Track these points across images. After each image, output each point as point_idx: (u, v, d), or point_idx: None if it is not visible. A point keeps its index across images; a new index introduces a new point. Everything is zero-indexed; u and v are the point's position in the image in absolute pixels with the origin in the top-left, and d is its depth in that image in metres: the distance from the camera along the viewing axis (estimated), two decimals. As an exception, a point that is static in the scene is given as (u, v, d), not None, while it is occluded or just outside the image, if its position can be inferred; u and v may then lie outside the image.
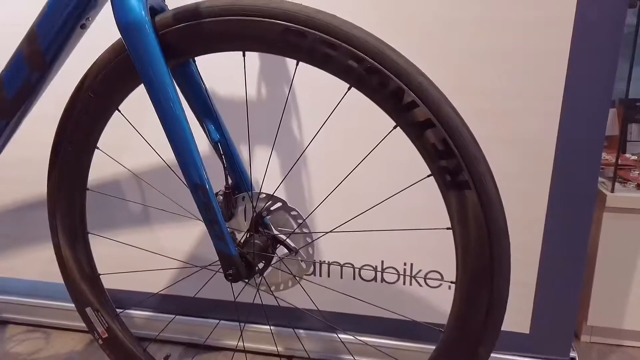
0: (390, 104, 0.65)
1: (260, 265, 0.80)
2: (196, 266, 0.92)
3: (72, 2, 0.72)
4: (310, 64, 0.68)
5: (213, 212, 0.73)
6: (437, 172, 0.65)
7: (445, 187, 0.65)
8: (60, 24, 0.73)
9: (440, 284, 1.06)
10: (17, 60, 0.75)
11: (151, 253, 1.15)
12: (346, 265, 1.10)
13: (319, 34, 0.65)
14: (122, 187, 1.18)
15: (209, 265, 0.84)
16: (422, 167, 0.66)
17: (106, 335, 0.91)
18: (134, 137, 1.10)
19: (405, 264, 1.07)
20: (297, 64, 0.69)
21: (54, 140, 0.83)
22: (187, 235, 1.18)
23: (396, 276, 1.08)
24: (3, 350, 1.26)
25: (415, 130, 0.64)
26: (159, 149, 0.95)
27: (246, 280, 0.78)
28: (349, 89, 0.68)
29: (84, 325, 1.28)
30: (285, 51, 0.68)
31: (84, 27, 0.76)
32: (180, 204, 1.00)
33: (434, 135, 0.63)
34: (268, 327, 1.18)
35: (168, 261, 1.17)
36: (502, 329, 0.67)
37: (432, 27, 0.94)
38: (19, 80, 0.76)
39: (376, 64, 0.63)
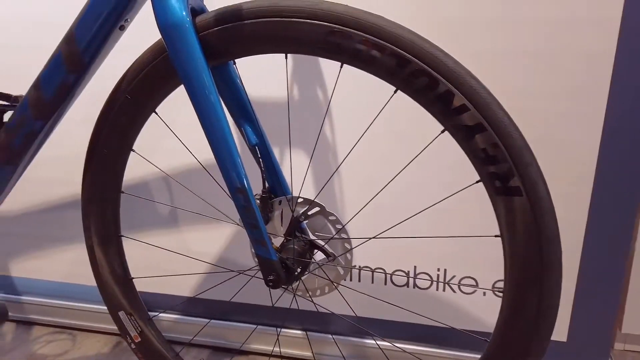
0: (438, 107, 0.63)
1: (297, 270, 0.79)
2: (232, 270, 0.91)
3: (111, 3, 0.71)
4: (354, 66, 0.66)
5: (253, 215, 0.71)
6: (487, 178, 0.63)
7: (495, 193, 0.63)
8: (98, 25, 0.72)
9: (475, 291, 1.04)
10: (55, 61, 0.74)
11: (178, 255, 1.15)
12: (378, 270, 1.09)
13: (365, 35, 0.63)
14: (151, 189, 1.18)
15: (247, 270, 0.83)
16: (468, 172, 0.65)
17: (139, 339, 0.90)
18: (163, 138, 1.10)
19: (438, 270, 1.05)
20: (341, 66, 0.68)
21: (89, 143, 0.83)
22: (215, 238, 1.17)
23: (429, 282, 1.06)
24: (30, 351, 1.26)
25: (465, 135, 0.62)
26: (188, 151, 0.95)
27: (285, 287, 0.76)
28: (395, 91, 0.66)
29: (110, 327, 1.31)
30: (329, 53, 0.66)
31: (122, 28, 0.75)
32: (214, 207, 0.99)
33: (484, 139, 0.61)
34: (296, 331, 1.17)
35: (197, 264, 1.16)
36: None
37: (472, 27, 0.92)
38: (56, 81, 0.75)
39: (424, 66, 0.62)
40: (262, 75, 1.00)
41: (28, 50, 1.13)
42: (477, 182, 0.64)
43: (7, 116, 0.81)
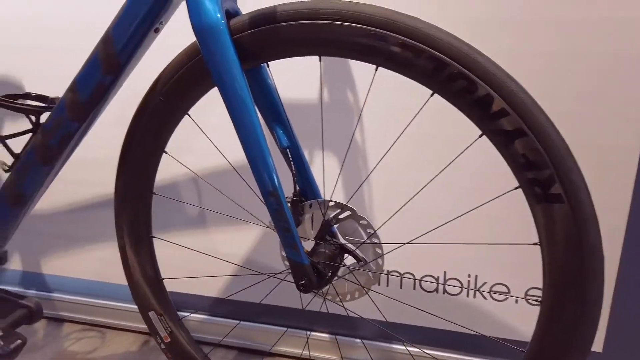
0: (476, 111, 0.61)
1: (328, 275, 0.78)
2: (262, 273, 0.91)
3: (147, 6, 0.72)
4: (389, 69, 0.65)
5: (285, 219, 0.71)
6: (526, 184, 0.61)
7: (535, 200, 0.61)
8: (134, 27, 0.73)
9: (507, 298, 1.02)
10: (92, 63, 0.75)
11: (205, 256, 1.15)
12: (406, 275, 1.07)
13: (401, 37, 0.62)
14: (180, 189, 1.19)
15: (277, 273, 0.82)
16: (504, 178, 0.63)
17: (169, 339, 0.91)
18: (191, 140, 1.11)
19: (469, 276, 1.03)
20: (375, 69, 0.67)
21: (123, 144, 0.84)
22: (243, 239, 1.17)
23: (459, 288, 1.04)
24: (60, 348, 1.29)
25: (504, 140, 0.61)
26: (218, 153, 0.95)
27: (316, 291, 0.76)
28: (431, 95, 0.65)
29: (138, 325, 1.32)
30: (364, 56, 0.65)
31: (157, 30, 0.76)
32: (244, 209, 0.99)
33: (525, 145, 0.59)
34: (323, 334, 1.16)
35: (224, 265, 1.17)
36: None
37: (505, 27, 0.90)
38: (93, 82, 0.76)
39: (463, 69, 0.60)
40: (292, 77, 0.99)
41: (62, 52, 1.15)
42: (516, 188, 0.63)
43: (43, 117, 0.83)
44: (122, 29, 0.73)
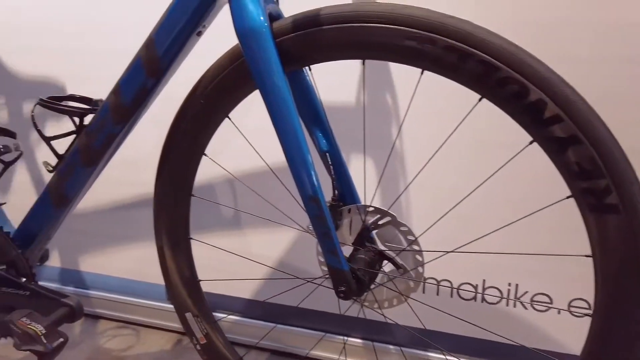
0: (528, 117, 0.59)
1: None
2: (299, 278, 0.90)
3: (191, 9, 0.72)
4: (436, 72, 0.64)
5: (325, 224, 0.70)
6: (580, 194, 0.59)
7: (588, 210, 0.59)
8: (177, 31, 0.73)
9: (549, 309, 0.98)
10: (135, 66, 0.76)
11: (239, 257, 1.15)
12: (443, 282, 1.05)
13: (449, 40, 0.60)
14: (216, 191, 1.19)
15: (316, 278, 0.82)
16: (554, 185, 0.61)
17: (205, 341, 0.91)
18: (227, 141, 1.11)
19: (509, 285, 1.00)
20: (421, 73, 0.65)
21: (163, 146, 0.84)
22: (277, 242, 1.17)
23: (498, 297, 1.02)
24: (96, 344, 1.31)
25: (557, 147, 0.58)
26: (251, 155, 0.94)
27: (356, 298, 0.75)
28: (479, 99, 0.63)
29: (172, 325, 1.33)
30: (410, 59, 0.64)
31: (199, 34, 0.76)
32: (283, 213, 0.98)
33: (579, 153, 0.57)
34: (356, 339, 1.15)
35: (258, 267, 1.17)
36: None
37: (558, 30, 0.87)
38: (135, 86, 0.77)
39: (514, 73, 0.58)
40: (331, 79, 0.98)
41: (106, 55, 1.17)
42: (568, 197, 0.60)
43: (84, 119, 0.84)
44: (165, 33, 0.74)
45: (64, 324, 0.82)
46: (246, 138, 0.88)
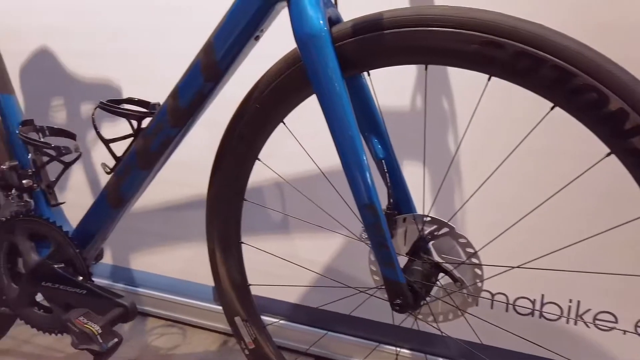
0: (606, 128, 0.55)
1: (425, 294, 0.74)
2: (351, 287, 0.88)
3: (250, 13, 0.71)
4: (505, 79, 0.61)
5: (382, 234, 0.68)
6: (663, 211, 0.54)
7: (672, 229, 0.54)
8: (236, 35, 0.73)
9: (613, 328, 0.93)
10: (194, 71, 0.76)
11: (286, 262, 1.15)
12: (498, 295, 1.01)
13: (521, 45, 0.57)
14: (264, 194, 1.19)
15: (369, 289, 0.80)
16: (629, 202, 0.56)
17: (253, 346, 0.91)
18: (276, 146, 1.11)
19: (570, 301, 0.95)
20: (488, 79, 0.62)
21: (217, 150, 0.84)
22: (324, 248, 1.15)
23: (558, 314, 0.96)
24: (145, 342, 1.33)
25: (638, 160, 0.54)
26: (299, 159, 0.93)
27: (411, 312, 0.72)
28: (552, 108, 0.59)
29: (218, 326, 1.34)
30: (477, 65, 0.61)
31: (257, 38, 0.75)
32: (335, 220, 0.97)
33: (664, 167, 0.53)
34: (410, 352, 1.12)
35: (304, 272, 1.16)
36: None
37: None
38: (193, 90, 0.77)
39: (593, 81, 0.54)
40: (386, 85, 0.96)
41: (159, 58, 1.19)
42: (649, 214, 0.56)
43: (141, 122, 0.85)
44: (224, 38, 0.73)
45: (118, 324, 0.84)
46: (300, 144, 0.87)
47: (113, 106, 0.84)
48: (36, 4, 1.29)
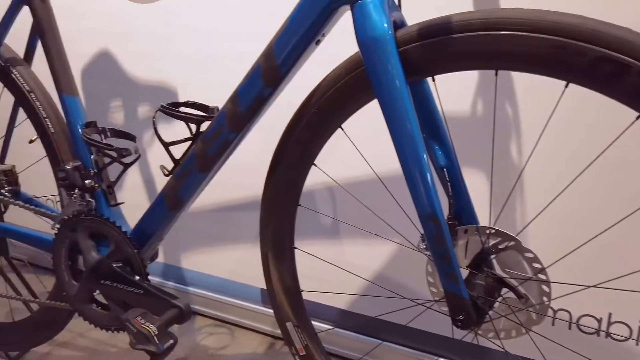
0: (700, 140, 0.51)
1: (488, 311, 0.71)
2: (407, 298, 0.86)
3: (312, 18, 0.70)
4: (584, 86, 0.57)
5: (445, 246, 0.65)
6: None
7: None
8: (297, 40, 0.72)
9: (690, 353, 0.86)
10: (254, 75, 0.76)
11: (335, 267, 1.13)
12: (561, 311, 0.96)
13: (605, 50, 0.53)
14: (316, 199, 1.18)
15: (429, 301, 0.77)
16: None
17: (304, 352, 0.90)
18: (329, 150, 1.10)
19: (641, 322, 0.89)
20: (565, 86, 0.59)
21: (274, 154, 0.84)
22: (376, 255, 1.13)
23: (626, 334, 0.91)
24: (194, 341, 1.35)
25: None
26: (352, 165, 0.91)
27: (474, 328, 0.69)
28: (637, 117, 0.55)
29: (265, 327, 1.35)
30: (553, 71, 0.58)
31: (318, 43, 0.74)
32: (393, 229, 0.95)
33: None
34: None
35: (355, 279, 1.14)
36: None
37: None
38: (253, 94, 0.77)
39: (687, 89, 0.50)
40: (447, 90, 0.93)
41: (214, 61, 1.20)
42: None
43: (200, 126, 0.86)
44: (284, 42, 0.73)
45: (173, 325, 0.84)
46: (358, 150, 0.85)
47: (174, 110, 0.85)
48: (97, 7, 1.33)
